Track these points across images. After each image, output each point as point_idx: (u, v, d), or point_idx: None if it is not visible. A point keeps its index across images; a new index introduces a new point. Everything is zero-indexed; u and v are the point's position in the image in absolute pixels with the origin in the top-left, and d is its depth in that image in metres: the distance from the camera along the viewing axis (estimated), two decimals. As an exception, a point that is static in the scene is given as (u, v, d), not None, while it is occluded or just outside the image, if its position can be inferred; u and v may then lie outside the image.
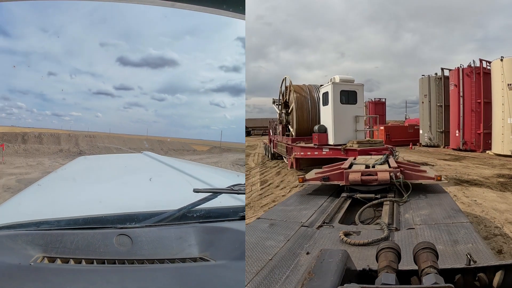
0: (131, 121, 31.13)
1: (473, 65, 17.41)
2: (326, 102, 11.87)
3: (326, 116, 11.85)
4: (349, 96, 11.40)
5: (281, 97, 14.82)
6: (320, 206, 3.49)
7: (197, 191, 1.76)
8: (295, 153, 11.68)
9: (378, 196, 3.69)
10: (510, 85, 15.22)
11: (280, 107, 14.90)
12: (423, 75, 21.51)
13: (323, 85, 12.26)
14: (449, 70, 19.40)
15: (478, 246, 2.13)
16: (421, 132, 21.87)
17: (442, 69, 20.40)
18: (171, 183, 2.89)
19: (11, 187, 10.54)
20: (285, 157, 13.48)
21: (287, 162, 12.66)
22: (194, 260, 1.41)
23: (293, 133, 13.27)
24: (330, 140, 11.23)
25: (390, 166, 4.53)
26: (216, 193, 1.80)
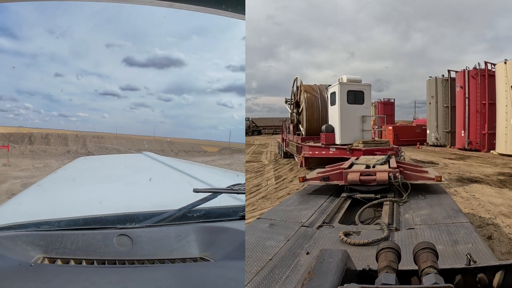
0: (137, 122, 31.04)
1: (478, 67, 17.67)
2: (333, 102, 11.93)
3: (334, 116, 11.91)
4: (356, 96, 11.42)
5: (293, 96, 14.90)
6: (320, 206, 3.49)
7: (197, 191, 1.75)
8: (304, 152, 11.75)
9: (378, 196, 3.69)
10: (514, 86, 15.52)
11: (292, 106, 14.99)
12: (430, 77, 21.94)
13: (331, 85, 12.32)
14: (455, 72, 19.71)
15: (478, 246, 2.13)
16: (428, 132, 22.20)
17: (449, 71, 20.81)
18: (171, 183, 2.89)
19: (16, 192, 10.30)
20: (295, 155, 13.53)
21: (298, 161, 12.72)
22: (194, 260, 1.41)
23: (303, 133, 13.36)
24: (337, 140, 11.27)
25: (390, 167, 4.53)
26: (216, 193, 1.80)
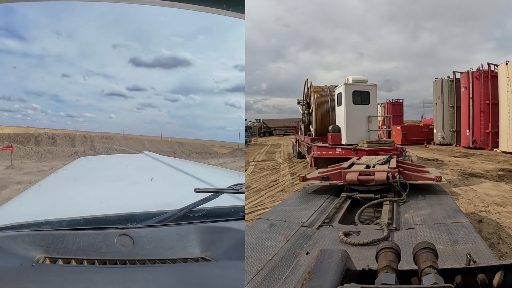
0: (144, 122, 30.93)
1: (481, 69, 18.34)
2: (339, 103, 12.03)
3: (340, 116, 12.02)
4: (362, 97, 11.48)
5: (304, 98, 15.06)
6: (320, 206, 3.49)
7: (198, 191, 1.75)
8: (313, 152, 11.88)
9: (378, 196, 3.69)
10: (515, 87, 16.27)
11: (303, 107, 15.12)
12: (436, 78, 22.79)
13: (338, 86, 12.39)
14: (460, 73, 20.42)
15: (478, 246, 2.13)
16: (435, 131, 23.00)
17: (454, 72, 21.58)
18: (172, 183, 2.89)
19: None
20: (306, 155, 13.67)
21: (308, 161, 12.86)
22: (195, 260, 1.41)
23: (313, 133, 13.48)
24: (343, 140, 11.34)
25: (389, 167, 4.52)
26: (217, 192, 1.79)
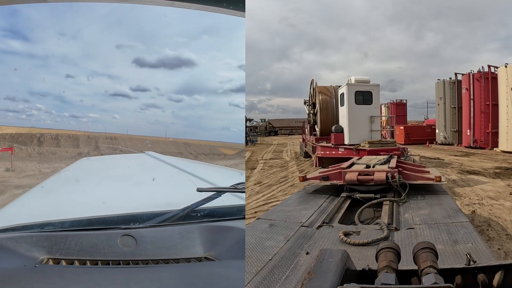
0: (148, 123, 30.80)
1: (482, 71, 18.94)
2: (342, 103, 12.07)
3: (342, 116, 12.06)
4: (364, 97, 11.51)
5: (310, 98, 15.10)
6: (320, 206, 3.49)
7: (200, 190, 1.74)
8: (317, 152, 11.95)
9: (378, 196, 3.69)
10: (514, 89, 16.86)
11: (309, 107, 15.17)
12: (439, 79, 23.48)
13: (340, 86, 12.41)
14: (462, 75, 20.99)
15: (478, 246, 2.13)
16: (437, 131, 23.52)
17: (456, 74, 22.19)
18: (174, 182, 2.89)
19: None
20: (312, 155, 13.73)
21: (313, 161, 12.94)
22: (199, 260, 1.41)
23: (318, 133, 13.51)
24: (346, 140, 11.37)
25: (389, 166, 4.52)
26: (219, 192, 1.78)
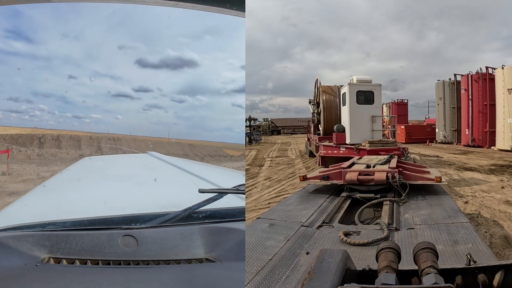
0: (150, 123, 30.79)
1: (480, 72, 19.52)
2: (344, 103, 12.12)
3: (344, 116, 12.12)
4: (366, 96, 11.55)
5: (314, 97, 15.17)
6: (320, 206, 3.49)
7: (202, 191, 1.73)
8: (320, 151, 12.05)
9: (378, 196, 3.69)
10: (510, 89, 17.43)
11: (313, 107, 15.24)
12: (439, 80, 24.12)
13: (342, 86, 12.46)
14: (461, 76, 21.63)
15: (478, 246, 2.14)
16: (437, 130, 24.21)
17: (455, 75, 22.85)
18: (176, 183, 2.88)
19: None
20: (316, 154, 13.81)
21: (317, 159, 13.03)
22: (200, 261, 1.41)
23: (322, 132, 13.56)
24: (347, 139, 11.43)
25: (390, 166, 4.52)
26: (221, 193, 1.78)
